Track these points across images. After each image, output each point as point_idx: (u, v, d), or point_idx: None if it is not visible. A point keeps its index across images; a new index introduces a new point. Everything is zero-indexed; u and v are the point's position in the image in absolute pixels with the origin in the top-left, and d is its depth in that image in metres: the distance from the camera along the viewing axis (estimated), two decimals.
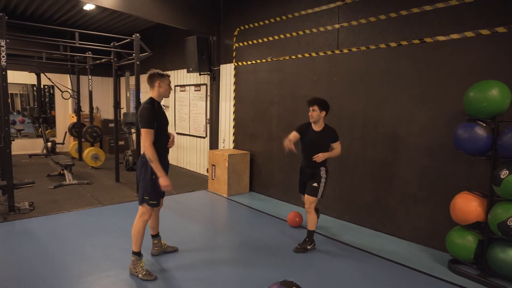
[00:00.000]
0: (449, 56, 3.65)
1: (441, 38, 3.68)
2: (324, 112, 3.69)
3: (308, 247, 3.75)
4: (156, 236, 3.60)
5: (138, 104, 5.63)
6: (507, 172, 2.87)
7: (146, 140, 2.93)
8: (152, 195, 3.10)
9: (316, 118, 3.67)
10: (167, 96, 3.22)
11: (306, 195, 3.76)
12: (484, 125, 3.07)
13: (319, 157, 3.61)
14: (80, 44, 5.59)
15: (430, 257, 3.69)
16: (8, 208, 4.64)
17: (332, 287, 3.06)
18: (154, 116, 2.98)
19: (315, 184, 3.71)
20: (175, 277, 3.17)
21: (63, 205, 5.12)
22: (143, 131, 2.95)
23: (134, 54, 5.59)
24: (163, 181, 2.98)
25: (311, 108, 3.67)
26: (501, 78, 3.12)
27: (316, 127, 3.75)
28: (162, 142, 3.15)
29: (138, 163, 3.18)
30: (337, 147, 3.79)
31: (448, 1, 3.59)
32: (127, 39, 5.87)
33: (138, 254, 3.16)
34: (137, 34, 5.57)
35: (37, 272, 3.17)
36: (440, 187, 3.79)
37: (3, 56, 4.37)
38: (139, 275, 3.09)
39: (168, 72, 3.25)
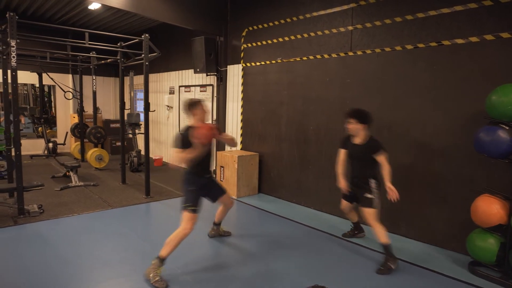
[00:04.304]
0: (468, 59, 3.66)
1: (460, 41, 3.69)
2: (363, 125, 3.50)
3: (393, 266, 3.36)
4: (217, 224, 4.09)
5: (147, 106, 5.57)
6: None
7: (177, 158, 3.22)
8: (191, 201, 3.29)
9: (354, 131, 3.54)
10: (204, 121, 3.34)
11: (363, 209, 3.54)
12: (507, 128, 3.09)
13: (394, 194, 3.34)
14: (90, 44, 5.50)
15: (449, 259, 3.70)
16: (18, 211, 4.56)
17: None
18: (181, 143, 3.19)
19: (369, 195, 3.50)
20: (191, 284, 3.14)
21: (72, 208, 5.04)
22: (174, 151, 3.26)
23: (143, 55, 5.52)
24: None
25: (347, 120, 3.55)
26: None
27: (357, 140, 3.58)
28: (199, 163, 3.31)
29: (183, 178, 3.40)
30: (381, 161, 3.44)
31: (466, 4, 3.60)
32: (135, 39, 5.80)
33: (162, 261, 3.11)
34: (147, 35, 5.51)
35: (56, 276, 3.11)
36: (457, 189, 3.80)
37: (14, 57, 4.29)
38: (152, 280, 3.04)
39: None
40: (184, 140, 3.17)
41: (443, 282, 3.25)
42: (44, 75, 8.64)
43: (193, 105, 3.30)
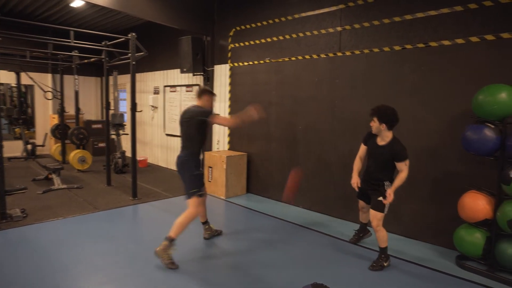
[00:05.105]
0: (454, 60, 3.78)
1: (446, 42, 3.81)
2: (384, 125, 3.28)
3: (385, 264, 3.43)
4: (205, 222, 4.07)
5: (134, 106, 5.47)
6: None
7: (223, 119, 3.79)
8: (198, 187, 3.48)
9: (376, 130, 3.37)
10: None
11: (371, 211, 3.44)
12: (493, 127, 3.21)
13: (388, 199, 3.29)
14: (75, 43, 5.35)
15: (437, 254, 3.82)
16: (0, 216, 4.38)
17: (348, 287, 3.11)
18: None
19: (381, 198, 3.36)
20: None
21: (57, 211, 4.89)
22: (214, 117, 3.47)
23: (130, 54, 5.41)
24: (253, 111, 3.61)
25: (372, 119, 3.36)
26: (505, 82, 3.26)
27: (379, 140, 3.40)
28: (203, 143, 3.61)
29: (178, 163, 3.49)
30: (401, 168, 3.26)
31: (453, 6, 3.73)
32: (120, 38, 5.69)
33: (172, 241, 3.31)
34: (133, 34, 5.41)
35: (48, 282, 3.01)
36: (444, 186, 3.93)
37: None
38: (165, 260, 3.26)
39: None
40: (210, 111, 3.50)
41: (431, 276, 3.34)
42: (22, 74, 8.33)
43: (211, 94, 3.68)
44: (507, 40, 3.43)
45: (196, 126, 3.41)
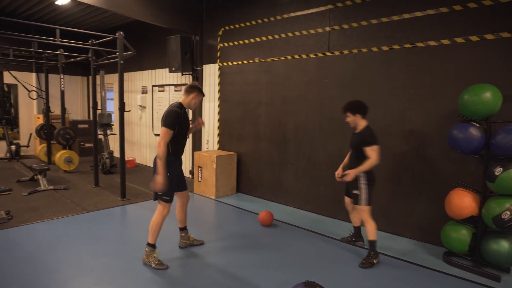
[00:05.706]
0: (441, 61, 3.86)
1: (432, 43, 3.89)
2: (358, 115, 3.50)
3: (375, 261, 3.48)
4: (183, 229, 3.80)
5: (123, 106, 5.40)
6: (501, 169, 3.10)
7: (162, 138, 3.16)
8: (166, 191, 3.25)
9: (353, 123, 3.57)
10: (192, 109, 3.51)
11: (355, 205, 3.59)
12: (478, 125, 3.29)
13: (348, 176, 3.44)
14: (61, 41, 5.24)
15: (424, 250, 3.89)
16: None
17: (340, 284, 3.15)
18: (178, 120, 3.24)
19: (356, 192, 3.50)
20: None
21: (43, 213, 4.80)
22: (163, 129, 3.17)
23: (117, 53, 5.34)
24: (160, 178, 3.14)
25: (345, 115, 3.58)
26: (489, 81, 3.35)
27: (356, 130, 3.62)
28: (180, 143, 3.39)
29: (154, 160, 3.32)
30: (368, 154, 3.38)
31: (438, 8, 3.80)
32: (108, 36, 5.60)
33: (152, 246, 3.35)
34: (121, 32, 5.35)
35: (40, 285, 2.95)
36: (431, 184, 4.00)
37: None
38: (152, 264, 3.29)
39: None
40: (177, 120, 3.21)
41: (420, 272, 3.41)
42: (5, 73, 8.13)
43: (200, 92, 3.43)
44: (490, 41, 3.52)
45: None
